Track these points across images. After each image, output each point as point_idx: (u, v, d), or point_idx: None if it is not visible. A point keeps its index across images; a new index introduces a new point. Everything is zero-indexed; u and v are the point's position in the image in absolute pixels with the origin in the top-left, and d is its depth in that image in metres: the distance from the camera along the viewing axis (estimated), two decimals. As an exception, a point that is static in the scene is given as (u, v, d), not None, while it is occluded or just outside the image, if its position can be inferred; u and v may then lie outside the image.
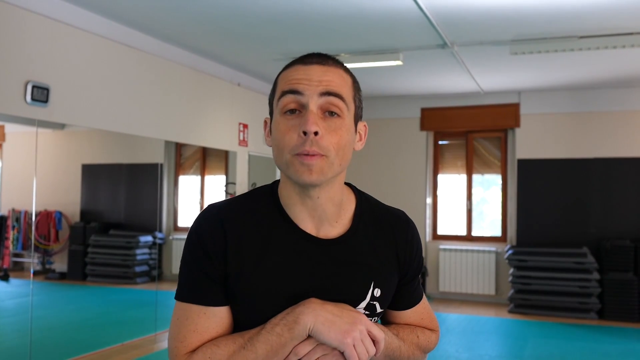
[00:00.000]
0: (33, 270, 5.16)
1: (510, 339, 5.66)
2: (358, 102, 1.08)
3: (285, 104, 1.01)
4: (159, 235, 6.10)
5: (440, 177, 7.63)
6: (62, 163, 5.68)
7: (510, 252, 6.68)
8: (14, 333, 4.77)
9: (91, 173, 5.80)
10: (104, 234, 5.79)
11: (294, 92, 1.00)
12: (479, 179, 7.49)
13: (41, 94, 3.80)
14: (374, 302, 1.08)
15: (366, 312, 1.07)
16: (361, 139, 1.10)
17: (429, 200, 7.55)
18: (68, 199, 5.63)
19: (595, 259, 6.39)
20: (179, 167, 6.57)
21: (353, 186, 1.17)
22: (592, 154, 6.79)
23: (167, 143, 6.08)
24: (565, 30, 4.53)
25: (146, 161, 5.97)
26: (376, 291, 1.08)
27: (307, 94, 0.99)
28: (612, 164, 6.71)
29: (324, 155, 0.98)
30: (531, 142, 7.04)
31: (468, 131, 7.43)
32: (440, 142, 7.65)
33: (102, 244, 5.78)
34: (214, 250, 1.02)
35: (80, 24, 4.21)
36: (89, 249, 5.68)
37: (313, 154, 0.97)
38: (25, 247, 5.26)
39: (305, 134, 0.97)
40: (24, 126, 4.48)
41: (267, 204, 1.08)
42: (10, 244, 5.16)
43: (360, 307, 1.06)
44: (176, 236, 6.41)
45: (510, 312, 6.59)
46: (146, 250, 5.97)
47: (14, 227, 5.15)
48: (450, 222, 7.54)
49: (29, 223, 5.11)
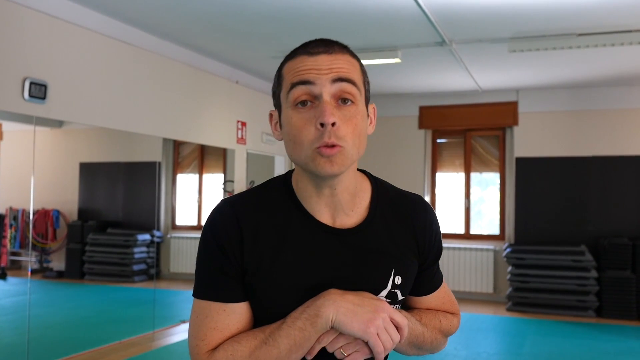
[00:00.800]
0: (31, 269, 5.16)
1: (508, 336, 5.66)
2: (367, 85, 1.07)
3: (296, 96, 0.98)
4: (156, 233, 6.09)
5: (439, 176, 7.63)
6: (59, 161, 5.67)
7: (508, 250, 6.68)
8: (11, 331, 4.76)
9: (89, 171, 5.79)
10: (101, 232, 5.78)
11: (305, 82, 0.97)
12: (477, 177, 7.49)
13: (39, 91, 3.79)
14: (395, 290, 1.06)
15: (388, 300, 1.05)
16: (372, 122, 1.09)
17: (427, 199, 7.56)
18: (66, 197, 5.62)
19: (593, 256, 6.39)
20: (177, 166, 6.57)
21: (367, 172, 1.16)
22: (590, 152, 6.80)
23: (165, 141, 6.07)
24: (564, 27, 4.53)
25: (144, 159, 5.96)
26: (397, 279, 1.06)
27: (318, 83, 0.97)
28: (610, 162, 6.72)
29: (342, 145, 0.96)
30: (529, 141, 7.04)
31: (466, 129, 7.43)
32: (438, 141, 7.65)
33: (100, 243, 5.77)
34: (230, 246, 1.00)
35: (78, 20, 4.20)
36: (86, 248, 5.68)
37: (333, 145, 0.95)
38: (22, 245, 5.25)
39: (322, 125, 0.95)
40: (22, 124, 4.48)
41: (282, 196, 1.06)
42: (7, 242, 5.15)
43: (381, 295, 1.04)
44: (174, 234, 6.41)
45: (509, 310, 6.60)
46: (144, 249, 5.96)
47: (11, 225, 5.14)
48: (449, 221, 7.54)
49: (26, 221, 5.10)
